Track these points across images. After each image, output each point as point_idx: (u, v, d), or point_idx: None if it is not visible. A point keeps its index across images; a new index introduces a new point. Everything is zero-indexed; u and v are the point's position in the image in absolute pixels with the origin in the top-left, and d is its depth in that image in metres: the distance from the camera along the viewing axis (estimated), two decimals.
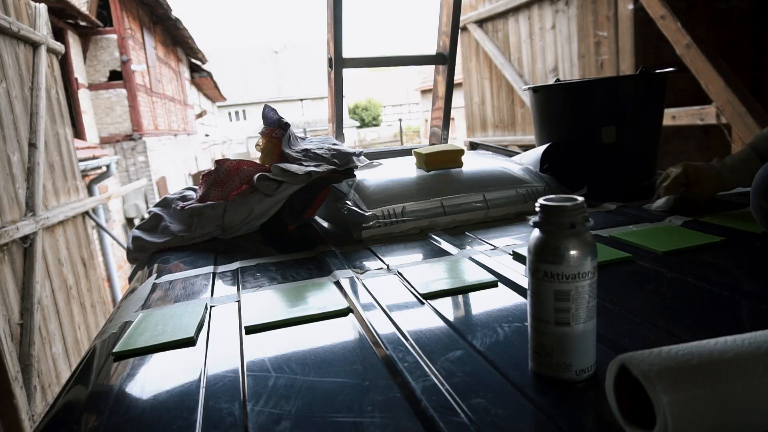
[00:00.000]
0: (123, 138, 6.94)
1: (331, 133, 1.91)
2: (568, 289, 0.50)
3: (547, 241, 0.51)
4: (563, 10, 5.02)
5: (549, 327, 0.52)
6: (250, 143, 23.48)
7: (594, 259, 0.51)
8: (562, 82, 1.60)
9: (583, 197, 0.52)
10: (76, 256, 3.53)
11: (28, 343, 2.56)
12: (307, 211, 1.34)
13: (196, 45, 11.03)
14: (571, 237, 0.50)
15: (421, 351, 0.62)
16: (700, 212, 1.12)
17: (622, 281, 0.81)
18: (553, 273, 0.50)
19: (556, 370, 0.52)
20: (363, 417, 0.50)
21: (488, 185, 1.31)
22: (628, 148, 1.45)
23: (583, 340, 0.52)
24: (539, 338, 0.53)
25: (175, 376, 0.63)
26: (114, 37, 6.93)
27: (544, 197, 0.53)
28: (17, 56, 3.00)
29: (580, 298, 0.51)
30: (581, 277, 0.50)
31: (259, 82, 33.62)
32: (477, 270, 0.89)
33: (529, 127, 5.85)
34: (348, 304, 0.79)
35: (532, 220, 0.53)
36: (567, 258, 0.50)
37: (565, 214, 0.50)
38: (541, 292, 0.52)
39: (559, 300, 0.51)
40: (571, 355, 0.52)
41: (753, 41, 4.03)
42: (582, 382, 0.53)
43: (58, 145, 3.47)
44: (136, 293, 0.98)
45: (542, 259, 0.51)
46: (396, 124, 27.64)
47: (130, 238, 1.31)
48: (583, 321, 0.51)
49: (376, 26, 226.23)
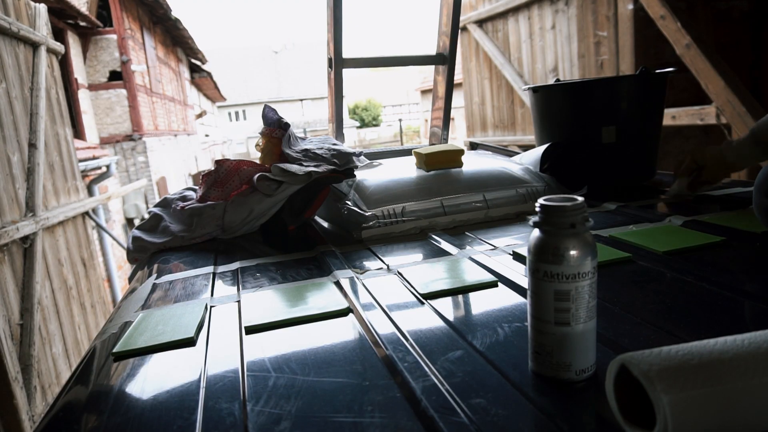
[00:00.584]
0: (123, 138, 6.95)
1: (331, 133, 1.91)
2: (568, 289, 0.50)
3: (547, 241, 0.51)
4: (563, 10, 5.02)
5: (549, 327, 0.52)
6: (250, 143, 23.48)
7: (594, 259, 0.51)
8: (562, 82, 1.60)
9: (583, 197, 0.52)
10: (76, 256, 3.53)
11: (28, 344, 2.57)
12: (307, 211, 1.34)
13: (196, 45, 11.04)
14: (571, 237, 0.50)
15: (421, 351, 0.62)
16: (700, 210, 1.12)
17: (622, 281, 0.81)
18: (553, 273, 0.50)
19: (556, 370, 0.52)
20: (363, 417, 0.50)
21: (488, 185, 1.31)
22: (628, 148, 1.45)
23: (583, 340, 0.52)
24: (539, 338, 0.53)
25: (175, 376, 0.63)
26: (114, 38, 6.93)
27: (544, 197, 0.53)
28: (17, 56, 3.00)
29: (580, 298, 0.51)
30: (581, 277, 0.50)
31: (259, 82, 33.63)
32: (477, 270, 0.89)
33: (529, 127, 5.85)
34: (348, 304, 0.79)
35: (532, 220, 0.53)
36: (567, 258, 0.50)
37: (565, 214, 0.50)
38: (541, 292, 0.52)
39: (559, 300, 0.51)
40: (571, 355, 0.52)
41: (753, 41, 4.03)
42: (582, 382, 0.53)
43: (58, 146, 3.47)
44: (136, 293, 0.98)
45: (542, 259, 0.51)
46: (396, 124, 27.64)
47: (130, 239, 1.31)
48: (583, 321, 0.51)
49: (376, 26, 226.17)
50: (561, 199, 0.52)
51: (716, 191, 1.31)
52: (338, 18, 1.69)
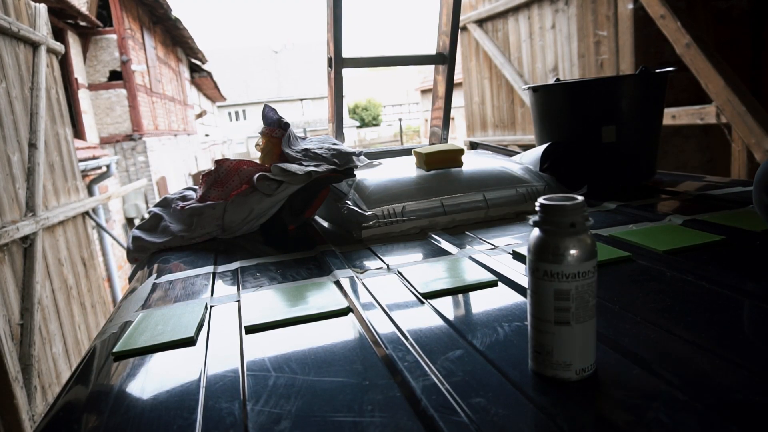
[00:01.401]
0: (123, 138, 6.95)
1: (331, 133, 1.91)
2: (568, 289, 0.50)
3: (547, 240, 0.51)
4: (563, 10, 5.02)
5: (549, 326, 0.52)
6: (250, 143, 23.49)
7: (594, 259, 0.51)
8: (562, 81, 1.60)
9: (583, 196, 0.52)
10: (76, 256, 3.53)
11: (29, 344, 2.57)
12: (307, 211, 1.34)
13: (196, 45, 11.04)
14: (571, 236, 0.50)
15: (421, 350, 0.62)
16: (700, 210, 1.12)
17: (622, 280, 0.81)
18: (553, 272, 0.51)
19: (556, 369, 0.53)
20: (363, 416, 0.50)
21: (488, 185, 1.31)
22: (628, 148, 1.45)
23: (584, 339, 0.52)
24: (539, 337, 0.53)
25: (175, 376, 0.63)
26: (114, 38, 6.93)
27: (544, 196, 0.53)
28: (17, 56, 3.00)
29: (580, 298, 0.51)
30: (581, 277, 0.50)
31: (259, 82, 33.63)
32: (477, 269, 0.89)
33: (529, 127, 5.85)
34: (348, 304, 0.79)
35: (532, 219, 0.53)
36: (567, 257, 0.50)
37: (565, 213, 0.50)
38: (541, 291, 0.52)
39: (559, 299, 0.51)
40: (571, 355, 0.52)
41: (753, 41, 4.03)
42: (582, 381, 0.53)
43: (58, 145, 3.47)
44: (136, 293, 0.98)
45: (542, 259, 0.51)
46: (396, 123, 27.65)
47: (130, 238, 1.31)
48: (583, 320, 0.51)
49: (376, 26, 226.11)
50: (561, 198, 0.52)
51: (716, 191, 1.31)
52: (338, 18, 1.69)
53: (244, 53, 35.83)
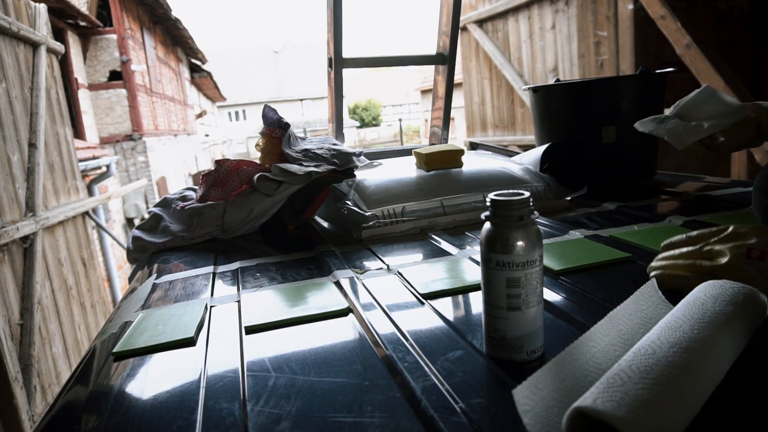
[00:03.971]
0: (123, 138, 6.95)
1: (331, 133, 1.91)
2: (518, 276, 0.54)
3: (497, 233, 0.55)
4: (563, 10, 5.02)
5: (502, 312, 0.56)
6: (250, 143, 23.50)
7: (540, 248, 0.55)
8: (562, 82, 1.60)
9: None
10: (76, 256, 3.54)
11: (28, 343, 2.57)
12: (307, 211, 1.34)
13: (196, 45, 11.04)
14: (519, 228, 0.54)
15: (421, 351, 0.62)
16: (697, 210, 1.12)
17: (621, 281, 0.80)
18: (504, 262, 0.54)
19: (510, 351, 0.56)
20: (363, 417, 0.50)
21: (488, 185, 1.31)
22: (628, 148, 1.45)
23: (533, 322, 0.56)
24: (493, 323, 0.57)
25: (175, 376, 0.63)
26: (114, 38, 6.94)
27: (494, 192, 0.56)
28: (17, 56, 3.00)
29: (530, 284, 0.55)
30: (530, 265, 0.54)
31: (259, 82, 33.64)
32: (477, 270, 0.89)
33: (529, 127, 5.85)
34: (348, 304, 0.79)
35: (483, 214, 0.57)
36: (516, 248, 0.54)
37: (513, 207, 0.54)
38: (493, 280, 0.55)
39: (510, 287, 0.54)
40: (522, 337, 0.56)
41: (753, 41, 4.03)
42: (533, 362, 0.56)
43: (58, 145, 3.47)
44: (136, 293, 0.98)
45: (493, 250, 0.55)
46: (396, 124, 27.66)
47: (130, 238, 1.31)
48: (533, 305, 0.55)
49: (376, 26, 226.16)
50: (509, 194, 0.56)
51: (716, 191, 1.31)
52: (338, 18, 1.69)
53: (244, 53, 35.84)
